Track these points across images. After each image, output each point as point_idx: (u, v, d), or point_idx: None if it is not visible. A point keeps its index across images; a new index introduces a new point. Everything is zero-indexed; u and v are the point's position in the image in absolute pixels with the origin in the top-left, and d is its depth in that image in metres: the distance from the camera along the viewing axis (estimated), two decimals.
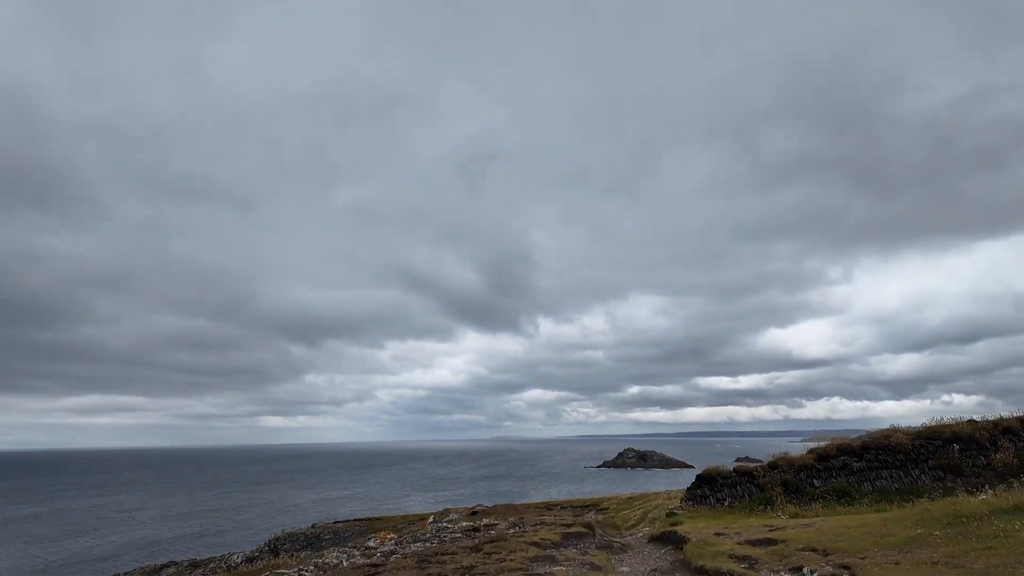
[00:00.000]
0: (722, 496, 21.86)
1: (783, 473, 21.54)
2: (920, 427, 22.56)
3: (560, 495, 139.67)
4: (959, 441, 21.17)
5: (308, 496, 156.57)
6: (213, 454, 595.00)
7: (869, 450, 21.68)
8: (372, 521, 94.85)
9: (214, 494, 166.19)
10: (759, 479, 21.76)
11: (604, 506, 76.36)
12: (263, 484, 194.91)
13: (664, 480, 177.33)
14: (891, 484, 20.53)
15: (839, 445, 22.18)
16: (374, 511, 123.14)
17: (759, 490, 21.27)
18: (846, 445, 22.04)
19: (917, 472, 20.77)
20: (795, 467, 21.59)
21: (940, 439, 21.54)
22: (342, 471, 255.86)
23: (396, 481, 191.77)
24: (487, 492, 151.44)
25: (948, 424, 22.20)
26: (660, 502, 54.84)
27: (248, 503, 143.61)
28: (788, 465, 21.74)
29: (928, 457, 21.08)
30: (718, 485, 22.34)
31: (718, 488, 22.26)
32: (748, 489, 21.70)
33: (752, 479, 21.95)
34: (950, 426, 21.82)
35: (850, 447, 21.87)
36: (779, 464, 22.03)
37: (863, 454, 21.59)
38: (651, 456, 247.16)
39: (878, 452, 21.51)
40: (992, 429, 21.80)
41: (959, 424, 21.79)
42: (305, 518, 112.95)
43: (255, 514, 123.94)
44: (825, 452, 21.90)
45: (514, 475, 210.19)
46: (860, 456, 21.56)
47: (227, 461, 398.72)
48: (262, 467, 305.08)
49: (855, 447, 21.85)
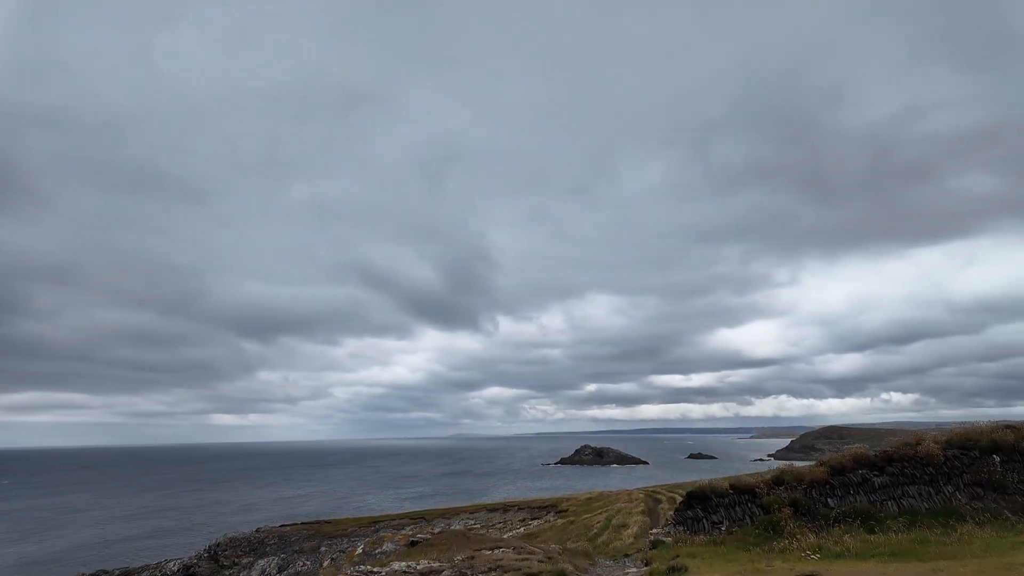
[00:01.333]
0: (718, 519, 17.65)
1: (791, 490, 17.45)
2: (951, 433, 18.77)
3: (519, 492, 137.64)
4: (1000, 451, 17.38)
5: (264, 495, 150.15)
6: (161, 453, 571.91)
7: (892, 462, 17.76)
8: (321, 524, 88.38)
9: (164, 494, 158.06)
10: (762, 498, 17.60)
11: (563, 507, 72.27)
12: (216, 483, 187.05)
13: (620, 476, 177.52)
14: (920, 504, 16.69)
15: (856, 456, 18.14)
16: (336, 510, 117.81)
17: (762, 511, 17.16)
18: (864, 456, 18.03)
19: (951, 489, 16.96)
20: (805, 483, 17.49)
21: (977, 448, 17.71)
22: (299, 470, 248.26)
23: (355, 480, 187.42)
24: (447, 489, 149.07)
25: (984, 429, 18.43)
26: (622, 505, 51.09)
27: (200, 503, 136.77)
28: (796, 480, 17.63)
29: (963, 471, 17.28)
30: (712, 505, 18.08)
31: (712, 509, 18.00)
32: (749, 510, 17.54)
33: (754, 497, 17.78)
34: (987, 432, 18.00)
35: (869, 459, 17.85)
36: (785, 479, 17.89)
37: (885, 467, 17.66)
38: (607, 453, 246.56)
39: (903, 464, 17.61)
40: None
41: (998, 430, 18.02)
42: (261, 518, 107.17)
43: (209, 514, 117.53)
44: (840, 464, 17.86)
45: (473, 472, 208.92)
46: (881, 469, 17.64)
47: (176, 460, 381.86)
48: (214, 466, 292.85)
49: (875, 458, 17.86)
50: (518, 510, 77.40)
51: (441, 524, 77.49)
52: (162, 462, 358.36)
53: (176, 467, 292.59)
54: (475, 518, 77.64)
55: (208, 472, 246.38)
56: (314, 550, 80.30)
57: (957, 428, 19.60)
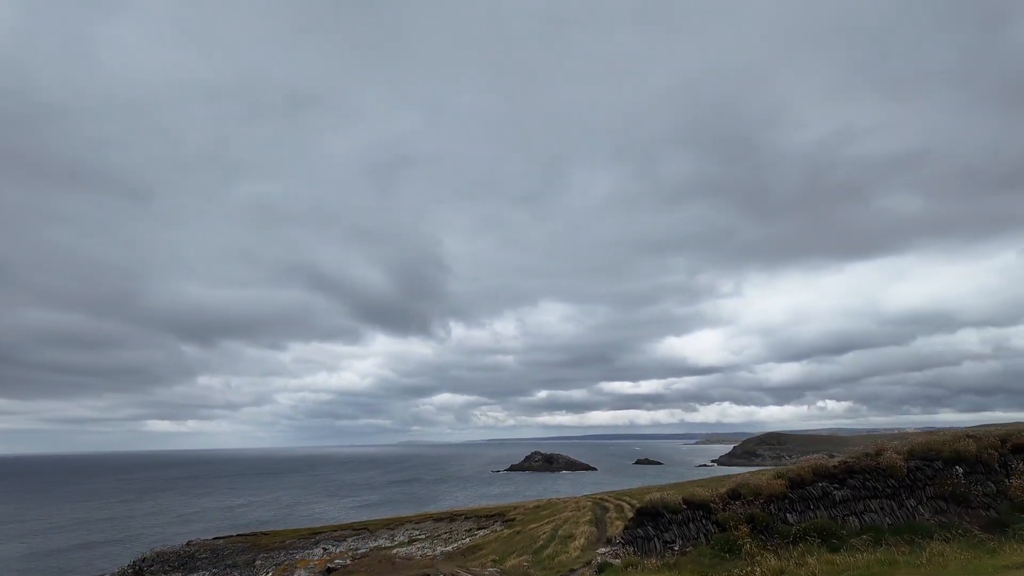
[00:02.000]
0: (671, 537, 15.96)
1: (747, 505, 15.98)
2: (912, 443, 17.57)
3: (468, 499, 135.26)
4: (963, 462, 16.18)
5: (203, 505, 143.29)
6: (91, 461, 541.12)
7: (854, 474, 16.42)
8: (258, 536, 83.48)
9: (93, 505, 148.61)
10: (717, 513, 16.02)
11: (511, 516, 70.16)
12: (151, 493, 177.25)
13: (569, 482, 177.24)
14: (883, 519, 15.44)
15: (815, 467, 16.72)
16: (280, 519, 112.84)
17: (718, 528, 15.60)
18: (824, 468, 16.61)
19: (913, 503, 15.74)
20: (763, 497, 16.02)
21: (939, 459, 16.45)
22: (241, 478, 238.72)
23: (300, 488, 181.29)
24: (396, 497, 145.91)
25: (946, 439, 17.16)
26: (569, 514, 49.45)
27: (132, 514, 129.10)
28: (753, 495, 16.14)
29: (926, 483, 16.06)
30: (664, 522, 16.40)
31: (665, 526, 16.30)
32: (703, 527, 15.95)
33: (708, 513, 16.20)
34: (950, 442, 16.73)
35: (829, 470, 16.43)
36: (741, 492, 16.37)
37: (846, 479, 16.30)
38: (557, 459, 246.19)
39: (864, 476, 16.28)
40: (1000, 447, 16.86)
41: (960, 439, 16.77)
42: (198, 529, 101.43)
43: (142, 526, 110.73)
44: (799, 477, 16.43)
45: (423, 479, 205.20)
46: (842, 482, 16.28)
47: (108, 468, 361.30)
48: (149, 475, 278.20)
49: (835, 470, 16.44)
50: (465, 519, 74.95)
51: (385, 535, 74.28)
52: (92, 471, 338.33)
53: (107, 476, 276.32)
54: (420, 528, 74.76)
55: (142, 481, 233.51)
56: (249, 564, 75.56)
57: (918, 437, 18.53)
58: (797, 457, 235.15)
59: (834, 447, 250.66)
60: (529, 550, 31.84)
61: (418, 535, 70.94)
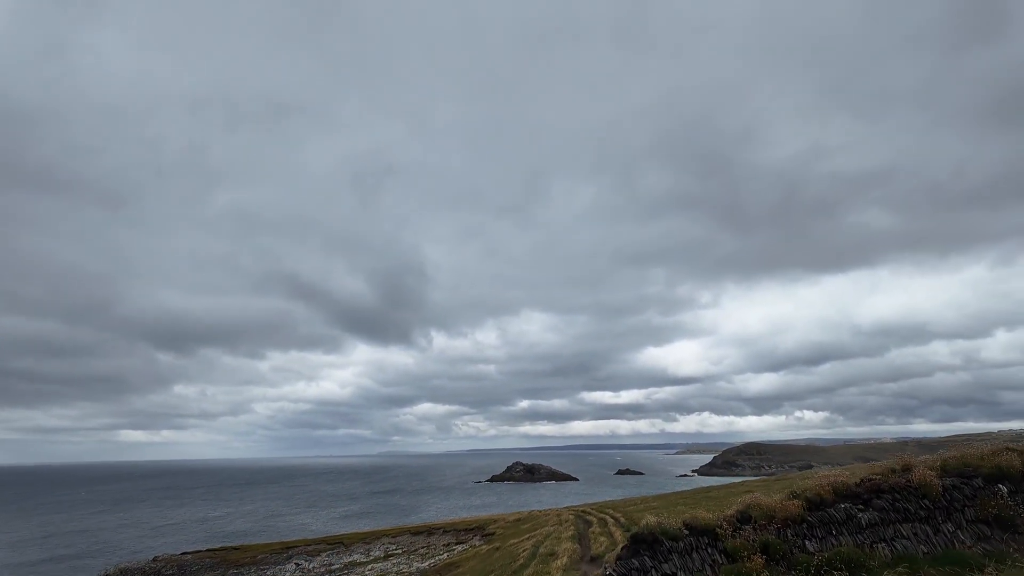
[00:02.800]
0: (671, 570, 13.22)
1: (760, 531, 13.45)
2: (945, 457, 15.19)
3: (449, 509, 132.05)
4: (1007, 479, 13.80)
5: (180, 516, 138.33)
6: (62, 472, 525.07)
7: (880, 493, 13.92)
8: (228, 551, 79.16)
9: (64, 517, 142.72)
10: (725, 541, 13.48)
11: (490, 530, 66.98)
12: (126, 504, 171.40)
13: (551, 492, 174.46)
14: (917, 546, 13.10)
15: (836, 486, 14.20)
16: (263, 531, 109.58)
17: (727, 558, 13.05)
18: (845, 486, 14.09)
19: (951, 527, 13.43)
20: (777, 521, 13.49)
21: (979, 476, 14.18)
22: (221, 489, 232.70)
23: (279, 499, 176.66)
24: (377, 508, 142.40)
25: (984, 453, 14.72)
26: (551, 528, 46.74)
27: (109, 526, 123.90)
28: (766, 518, 13.57)
29: (964, 504, 13.73)
30: (664, 551, 13.74)
31: (664, 556, 13.62)
32: (709, 557, 13.35)
33: (714, 540, 13.61)
34: (989, 456, 14.32)
35: (851, 489, 13.92)
36: (752, 515, 13.81)
37: (871, 499, 13.81)
38: (538, 469, 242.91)
39: (893, 497, 13.85)
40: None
41: (1000, 453, 14.42)
42: (172, 542, 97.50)
43: (117, 538, 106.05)
44: (817, 497, 13.93)
45: (403, 490, 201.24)
46: (867, 503, 13.79)
47: (80, 479, 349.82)
48: (124, 486, 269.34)
49: (858, 489, 13.93)
50: (443, 533, 71.71)
51: (361, 549, 70.77)
52: (63, 482, 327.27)
53: (78, 487, 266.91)
54: (397, 543, 71.41)
55: (115, 492, 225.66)
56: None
57: (952, 450, 16.26)
58: (776, 467, 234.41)
59: (811, 457, 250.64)
60: (508, 570, 29.09)
61: (395, 550, 67.62)
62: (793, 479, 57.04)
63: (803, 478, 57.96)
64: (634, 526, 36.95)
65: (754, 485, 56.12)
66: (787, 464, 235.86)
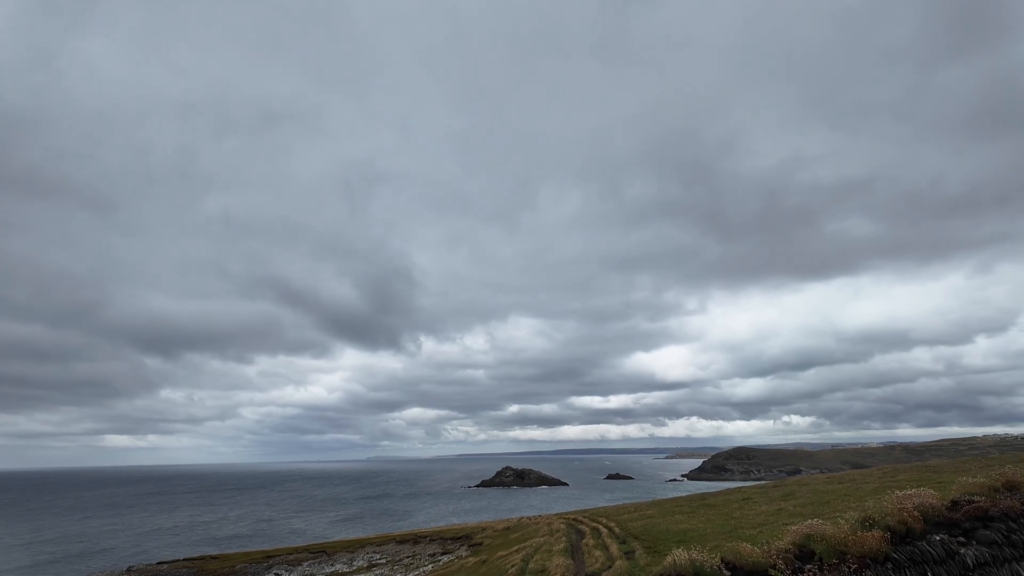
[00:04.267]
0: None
1: (827, 572, 10.20)
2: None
3: (439, 515, 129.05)
4: None
5: (173, 520, 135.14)
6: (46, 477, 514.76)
7: (989, 521, 10.30)
8: (206, 561, 75.48)
9: (56, 521, 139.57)
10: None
11: (478, 539, 63.84)
12: (116, 509, 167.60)
13: (541, 498, 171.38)
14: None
15: (924, 510, 10.39)
16: (256, 535, 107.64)
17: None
18: (936, 511, 10.39)
19: None
20: (851, 559, 9.99)
21: None
22: (210, 494, 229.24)
23: (270, 504, 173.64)
24: (367, 514, 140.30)
25: None
26: (541, 540, 43.93)
27: (102, 530, 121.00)
28: (836, 554, 9.87)
29: None
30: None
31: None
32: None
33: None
34: None
35: (944, 515, 10.17)
36: (814, 550, 10.38)
37: (975, 529, 10.52)
38: (528, 474, 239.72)
39: (1008, 526, 10.81)
40: None
41: None
42: (166, 544, 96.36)
43: (117, 540, 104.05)
44: (903, 525, 10.18)
45: (393, 495, 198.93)
46: (969, 533, 10.45)
47: (66, 484, 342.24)
48: (112, 491, 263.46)
49: (955, 515, 10.39)
50: (429, 541, 68.75)
51: (344, 558, 67.64)
52: (47, 487, 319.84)
53: (64, 492, 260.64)
54: (382, 551, 68.33)
55: (103, 497, 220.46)
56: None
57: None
58: (765, 471, 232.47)
59: (800, 461, 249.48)
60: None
61: (379, 559, 64.57)
62: (790, 486, 54.81)
63: (800, 484, 55.77)
64: (631, 538, 34.37)
65: (751, 492, 53.82)
66: (776, 469, 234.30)
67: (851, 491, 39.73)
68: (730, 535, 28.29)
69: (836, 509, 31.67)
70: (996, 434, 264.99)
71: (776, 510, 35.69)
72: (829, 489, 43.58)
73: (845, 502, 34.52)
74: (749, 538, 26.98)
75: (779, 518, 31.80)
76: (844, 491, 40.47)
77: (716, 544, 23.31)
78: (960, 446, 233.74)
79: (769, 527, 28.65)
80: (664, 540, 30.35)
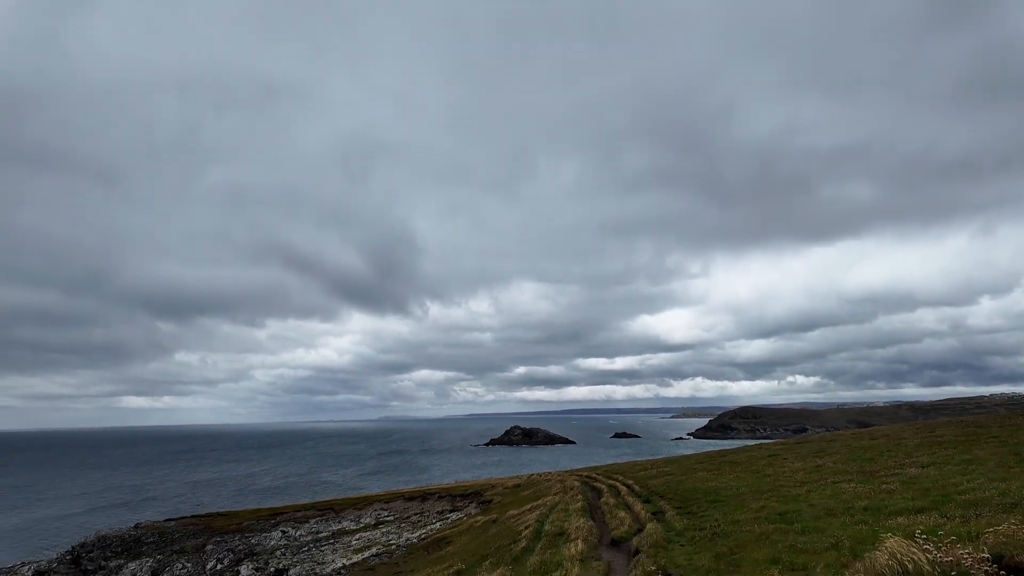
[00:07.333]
0: None
1: None
2: None
3: (448, 471, 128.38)
4: None
5: (214, 474, 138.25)
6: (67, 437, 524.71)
7: None
8: (212, 518, 73.47)
9: (105, 475, 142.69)
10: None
11: (488, 496, 60.87)
12: (155, 464, 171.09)
13: (549, 455, 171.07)
14: None
15: None
16: (290, 487, 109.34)
17: None
18: None
19: None
20: None
21: None
22: (240, 451, 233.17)
23: (297, 460, 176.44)
24: (387, 468, 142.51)
25: None
26: (555, 498, 40.50)
27: (149, 482, 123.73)
28: None
29: None
30: None
31: None
32: None
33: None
34: None
35: None
36: None
37: None
38: (536, 433, 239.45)
39: None
40: None
41: None
42: (222, 494, 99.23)
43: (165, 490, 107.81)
44: None
45: (409, 451, 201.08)
46: None
47: (94, 444, 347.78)
48: (145, 449, 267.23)
49: None
50: (438, 498, 66.14)
51: (351, 515, 65.28)
52: (79, 445, 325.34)
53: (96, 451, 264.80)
54: (390, 508, 65.84)
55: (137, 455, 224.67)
56: (198, 549, 65.92)
57: None
58: (772, 431, 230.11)
59: (806, 420, 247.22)
60: (508, 555, 22.70)
61: (386, 516, 62.01)
62: (817, 442, 50.98)
63: (827, 441, 51.91)
64: (656, 496, 30.65)
65: (774, 448, 50.23)
66: (782, 427, 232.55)
67: (892, 447, 35.87)
68: (773, 494, 24.51)
69: (886, 467, 27.83)
70: (1003, 393, 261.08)
71: (814, 467, 31.93)
72: (864, 445, 39.78)
73: (892, 458, 30.67)
74: (796, 498, 23.23)
75: (823, 475, 28.00)
76: (884, 447, 36.64)
77: (814, 519, 19.20)
78: (967, 405, 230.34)
79: (818, 485, 24.85)
80: (695, 500, 26.63)
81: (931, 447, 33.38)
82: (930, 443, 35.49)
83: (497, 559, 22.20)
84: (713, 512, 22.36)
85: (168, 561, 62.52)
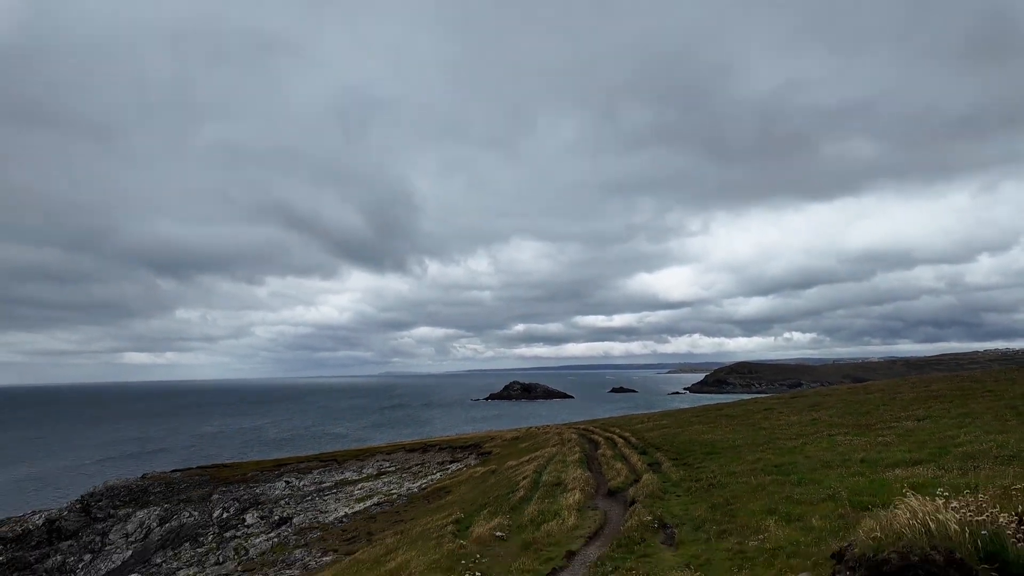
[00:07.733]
0: None
1: None
2: None
3: (450, 424, 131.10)
4: None
5: (224, 426, 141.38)
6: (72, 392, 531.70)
7: None
8: (218, 469, 74.81)
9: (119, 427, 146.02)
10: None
11: (487, 448, 61.79)
12: (166, 418, 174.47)
13: (548, 408, 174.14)
14: None
15: None
16: (301, 437, 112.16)
17: None
18: None
19: None
20: None
21: None
22: (245, 405, 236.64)
23: (300, 413, 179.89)
24: (391, 421, 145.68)
25: None
26: (553, 449, 41.05)
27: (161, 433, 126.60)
28: None
29: None
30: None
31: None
32: None
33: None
34: None
35: None
36: None
37: None
38: (535, 388, 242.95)
39: None
40: None
41: None
42: (237, 445, 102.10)
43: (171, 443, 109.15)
44: None
45: (411, 405, 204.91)
46: None
47: (95, 399, 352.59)
48: (152, 403, 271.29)
49: None
50: (439, 450, 67.24)
51: (353, 466, 66.45)
52: (75, 402, 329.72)
53: (95, 406, 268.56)
54: (391, 459, 66.98)
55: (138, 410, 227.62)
56: (204, 499, 67.30)
57: None
58: (767, 385, 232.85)
59: (802, 376, 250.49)
60: (506, 504, 22.93)
61: (388, 467, 63.09)
62: (811, 396, 51.49)
63: (822, 395, 52.38)
64: (652, 448, 31.02)
65: (769, 402, 50.64)
66: (777, 382, 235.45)
67: (888, 401, 36.09)
68: (769, 447, 24.72)
69: (882, 420, 28.01)
70: (997, 348, 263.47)
71: (810, 420, 32.20)
72: (860, 399, 40.04)
73: (888, 412, 30.89)
74: (792, 450, 23.42)
75: (819, 428, 28.23)
76: (879, 401, 36.87)
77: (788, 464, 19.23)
78: (961, 360, 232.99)
79: (814, 438, 25.02)
80: (691, 451, 26.90)
81: (927, 401, 33.57)
82: (925, 397, 35.68)
83: (495, 508, 22.50)
84: (709, 464, 22.55)
85: (175, 510, 63.93)
